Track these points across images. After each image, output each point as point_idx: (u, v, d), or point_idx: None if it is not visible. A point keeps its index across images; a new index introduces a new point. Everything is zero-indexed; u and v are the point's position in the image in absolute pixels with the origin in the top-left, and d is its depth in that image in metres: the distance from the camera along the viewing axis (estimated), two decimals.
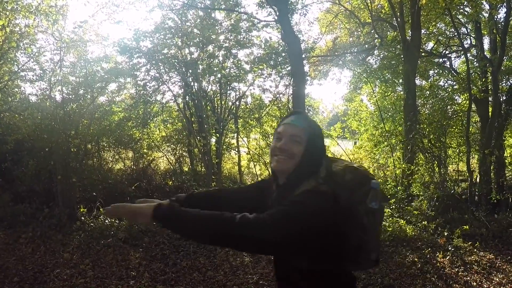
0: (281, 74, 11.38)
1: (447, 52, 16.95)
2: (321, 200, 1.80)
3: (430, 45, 17.36)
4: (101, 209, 8.11)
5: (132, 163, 11.74)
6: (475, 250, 7.26)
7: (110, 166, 11.45)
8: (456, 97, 15.62)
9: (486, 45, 15.11)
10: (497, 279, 5.91)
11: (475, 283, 5.71)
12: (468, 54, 14.40)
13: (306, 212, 1.75)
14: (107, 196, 8.90)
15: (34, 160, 8.95)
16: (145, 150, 11.48)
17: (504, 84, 14.10)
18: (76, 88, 8.97)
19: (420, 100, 14.36)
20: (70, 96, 8.94)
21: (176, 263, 6.19)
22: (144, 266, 6.02)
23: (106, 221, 7.65)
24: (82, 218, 7.84)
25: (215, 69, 10.43)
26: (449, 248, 7.22)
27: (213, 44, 10.28)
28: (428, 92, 14.98)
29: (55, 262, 6.03)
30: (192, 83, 10.39)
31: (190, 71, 10.06)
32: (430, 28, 15.83)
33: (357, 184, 1.91)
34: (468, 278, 5.95)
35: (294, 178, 1.96)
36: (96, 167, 10.62)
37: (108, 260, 6.14)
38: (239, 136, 12.64)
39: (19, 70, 9.63)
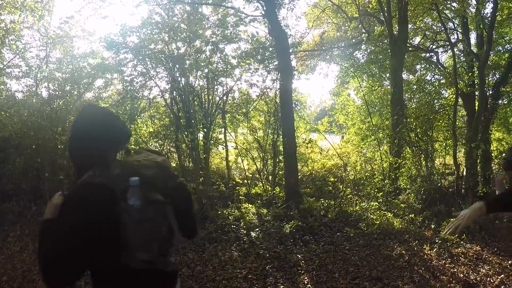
0: (268, 68, 11.37)
1: (434, 46, 17.08)
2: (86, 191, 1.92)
3: (417, 39, 17.50)
4: None
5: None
6: (462, 242, 7.36)
7: None
8: (443, 92, 15.74)
9: (472, 40, 15.27)
10: (483, 271, 5.99)
11: (462, 275, 5.79)
12: (455, 49, 14.54)
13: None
14: None
15: (21, 157, 8.88)
16: (132, 146, 11.41)
17: (490, 78, 14.24)
18: (62, 85, 8.91)
19: (407, 94, 14.44)
20: (57, 93, 8.88)
21: None
22: None
23: None
24: None
25: (202, 64, 10.39)
26: (436, 241, 7.31)
27: (200, 39, 10.24)
28: (415, 87, 15.07)
29: None
30: (179, 78, 10.33)
31: (177, 66, 10.00)
32: (417, 23, 15.93)
33: (122, 179, 1.96)
34: (455, 270, 6.03)
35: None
36: None
37: None
38: (226, 131, 12.62)
39: (4, 67, 9.51)
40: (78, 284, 4.95)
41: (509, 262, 6.34)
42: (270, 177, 12.03)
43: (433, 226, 8.14)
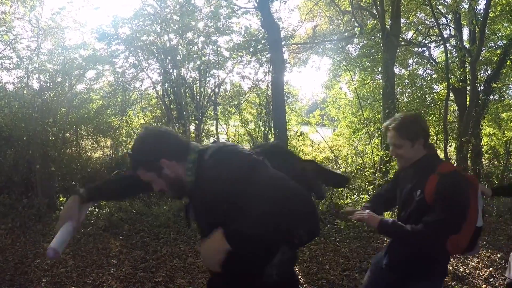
0: (260, 61, 11.37)
1: (426, 41, 17.13)
2: None
3: (410, 34, 17.52)
4: None
5: (111, 151, 11.66)
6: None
7: (89, 154, 11.36)
8: (435, 86, 15.82)
9: (465, 36, 15.34)
10: (472, 264, 6.05)
11: (451, 267, 5.83)
12: (447, 44, 14.58)
13: None
14: (86, 185, 8.81)
15: (11, 149, 8.82)
16: (124, 138, 11.39)
17: (482, 74, 14.33)
18: (53, 76, 8.85)
19: (398, 89, 14.50)
20: (48, 84, 8.82)
21: (157, 250, 6.21)
22: (124, 254, 6.02)
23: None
24: (62, 207, 7.78)
25: (194, 56, 10.38)
26: None
27: (192, 31, 10.22)
28: (406, 81, 15.15)
29: (36, 252, 6.00)
30: (171, 70, 10.31)
31: (169, 58, 9.98)
32: (410, 17, 15.98)
33: None
34: None
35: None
36: (75, 156, 10.52)
37: (89, 248, 6.13)
38: (218, 123, 12.63)
39: None
40: None
41: (498, 255, 6.40)
42: None
43: None
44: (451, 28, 15.80)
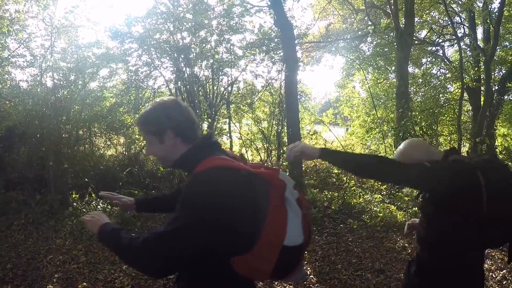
0: (273, 59, 11.35)
1: (440, 40, 17.01)
2: None
3: (424, 33, 17.41)
4: (93, 195, 8.12)
5: (123, 148, 11.70)
6: None
7: (101, 152, 11.41)
8: (448, 86, 15.72)
9: (479, 35, 15.23)
10: (486, 266, 5.98)
11: None
12: (461, 43, 14.46)
13: None
14: (99, 182, 8.86)
15: (25, 146, 8.91)
16: (136, 136, 11.42)
17: (496, 74, 14.19)
18: (67, 74, 8.90)
19: (412, 88, 14.41)
20: (61, 82, 8.87)
21: None
22: None
23: (99, 206, 7.66)
24: (74, 204, 7.83)
25: (207, 54, 10.38)
26: None
27: (205, 29, 10.22)
28: (420, 80, 15.03)
29: (48, 248, 6.04)
30: (184, 69, 10.32)
31: (182, 56, 9.99)
32: (424, 16, 15.87)
33: None
34: None
35: None
36: (88, 153, 10.58)
37: (101, 245, 6.15)
38: (231, 122, 12.62)
39: (9, 56, 9.53)
40: None
41: None
42: None
43: None
44: (465, 27, 15.67)
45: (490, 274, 5.67)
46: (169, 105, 1.96)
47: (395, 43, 13.40)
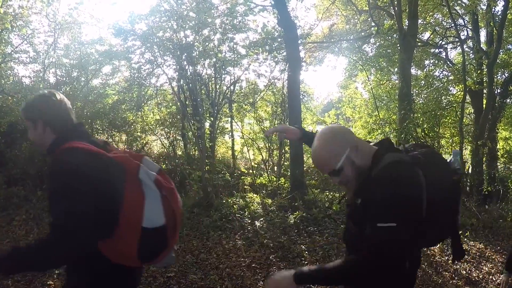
0: (276, 59, 11.36)
1: (443, 42, 16.99)
2: None
3: (427, 35, 17.37)
4: None
5: (125, 146, 11.71)
6: (465, 239, 7.32)
7: None
8: (451, 88, 15.68)
9: (482, 38, 15.19)
10: (486, 269, 5.97)
11: (464, 272, 5.77)
12: (464, 46, 14.44)
13: None
14: None
15: (27, 142, 8.89)
16: (138, 133, 11.45)
17: (499, 77, 14.17)
18: (70, 71, 8.92)
19: (415, 90, 14.39)
20: (64, 79, 8.89)
21: None
22: None
23: None
24: None
25: (210, 53, 10.38)
26: None
27: (208, 28, 10.22)
28: (423, 82, 15.02)
29: None
30: (187, 67, 10.33)
31: (185, 54, 9.98)
32: (427, 18, 15.84)
33: None
34: (458, 267, 6.00)
35: None
36: None
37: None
38: (233, 121, 12.63)
39: (12, 52, 9.52)
40: None
41: None
42: (275, 168, 12.03)
43: None
44: (468, 29, 15.66)
45: (490, 277, 5.67)
46: (43, 98, 2.08)
47: (398, 45, 13.37)
